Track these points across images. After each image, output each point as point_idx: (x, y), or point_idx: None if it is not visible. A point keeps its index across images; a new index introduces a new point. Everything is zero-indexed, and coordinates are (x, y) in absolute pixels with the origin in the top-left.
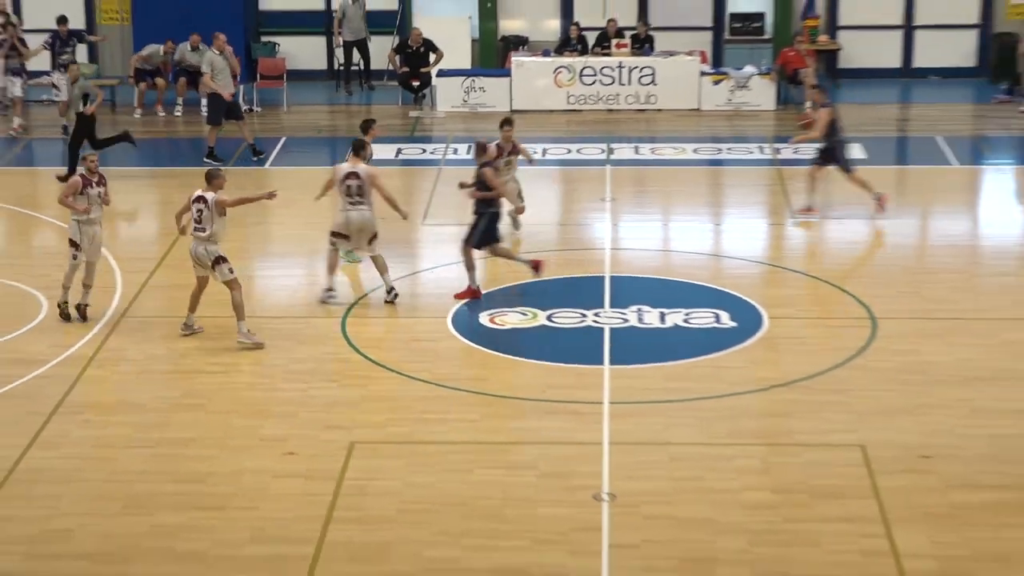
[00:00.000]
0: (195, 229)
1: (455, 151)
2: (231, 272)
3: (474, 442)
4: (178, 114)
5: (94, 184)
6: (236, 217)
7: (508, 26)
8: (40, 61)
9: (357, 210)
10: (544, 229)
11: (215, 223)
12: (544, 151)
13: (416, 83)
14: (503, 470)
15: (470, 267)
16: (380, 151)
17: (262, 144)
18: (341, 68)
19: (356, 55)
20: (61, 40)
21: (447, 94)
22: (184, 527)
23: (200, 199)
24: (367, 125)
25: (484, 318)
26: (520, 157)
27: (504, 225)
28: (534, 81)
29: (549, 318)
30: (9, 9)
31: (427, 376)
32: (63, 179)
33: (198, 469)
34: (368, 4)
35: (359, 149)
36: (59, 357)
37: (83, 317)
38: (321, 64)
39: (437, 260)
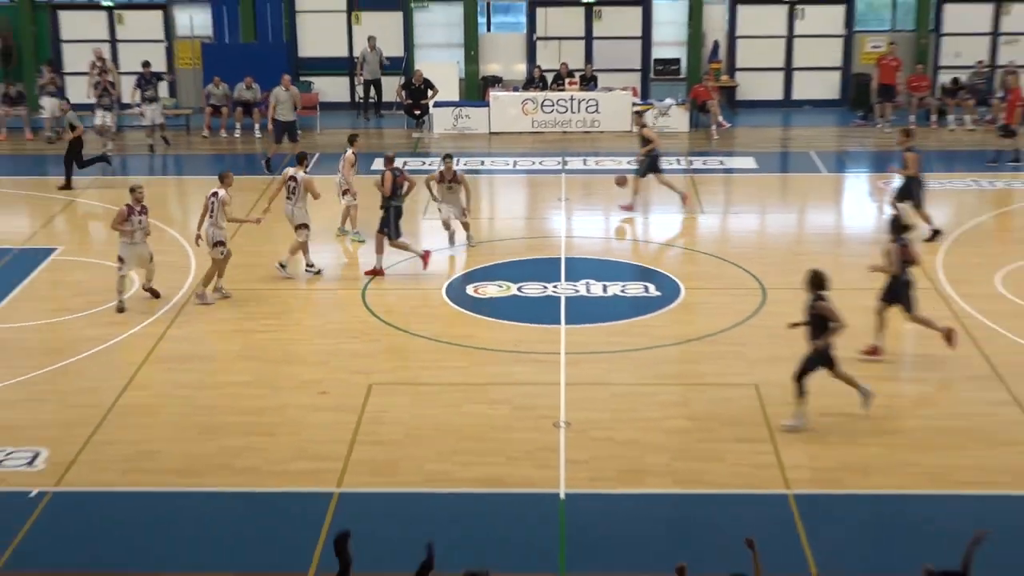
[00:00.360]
0: (209, 217)
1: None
2: (221, 254)
3: (463, 383)
4: (237, 135)
5: (137, 213)
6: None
7: (487, 69)
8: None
9: (292, 205)
10: (515, 222)
11: (220, 215)
12: (515, 163)
13: (417, 112)
14: (485, 404)
15: (379, 250)
16: (375, 164)
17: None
18: (361, 101)
19: (372, 91)
20: (145, 79)
21: (441, 120)
22: (244, 448)
23: (214, 194)
24: (352, 138)
25: (470, 289)
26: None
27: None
28: (507, 110)
29: (519, 289)
30: (107, 55)
31: (427, 334)
32: (62, 188)
33: (254, 405)
34: (383, 50)
35: (301, 160)
36: (148, 320)
37: (155, 295)
38: (345, 98)
39: (434, 246)
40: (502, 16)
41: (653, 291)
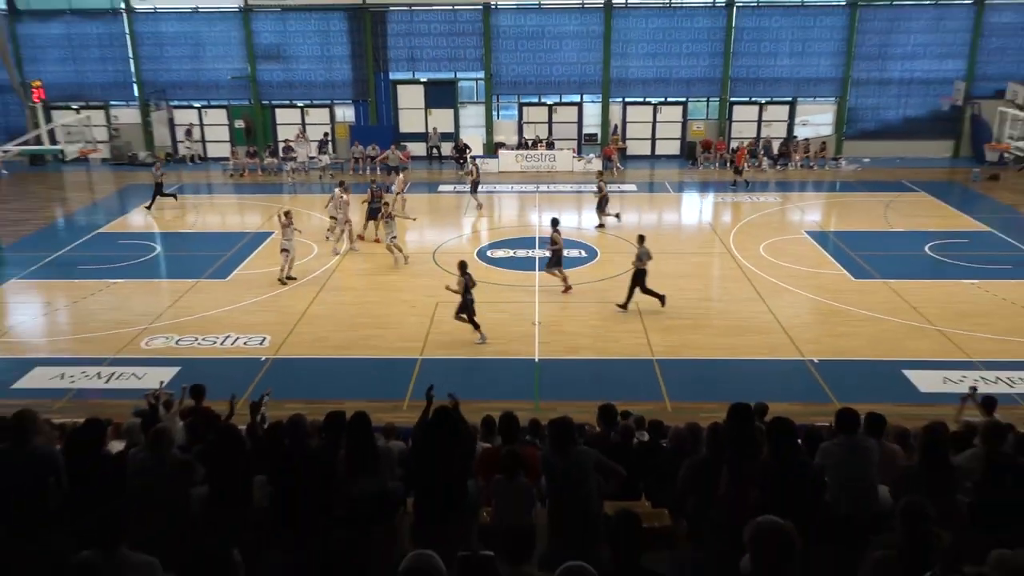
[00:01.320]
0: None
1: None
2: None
3: (485, 301)
4: (366, 172)
5: (289, 228)
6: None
7: (498, 138)
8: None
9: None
10: (511, 218)
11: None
12: (512, 187)
13: (461, 160)
14: (497, 313)
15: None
16: (445, 188)
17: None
18: (431, 155)
19: (436, 151)
20: (323, 142)
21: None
22: (372, 336)
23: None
24: (341, 182)
25: (489, 253)
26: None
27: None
28: (508, 160)
29: (514, 252)
30: (301, 132)
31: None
32: (148, 207)
33: (377, 313)
34: (440, 128)
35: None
36: (323, 268)
37: (286, 282)
38: (423, 153)
39: (470, 230)
40: (505, 110)
41: (583, 254)
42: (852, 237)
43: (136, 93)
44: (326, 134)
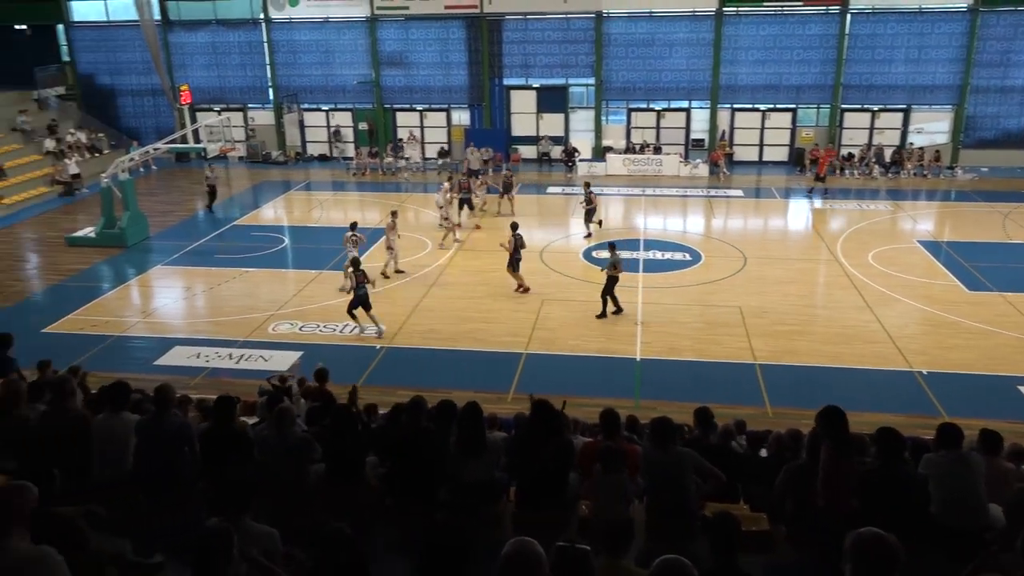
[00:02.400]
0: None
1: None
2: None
3: (585, 300)
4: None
5: (394, 229)
6: (533, 216)
7: (606, 142)
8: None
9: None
10: (616, 220)
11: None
12: (618, 190)
13: (570, 163)
14: (594, 311)
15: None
16: (553, 190)
17: (512, 187)
18: (542, 158)
19: (546, 155)
20: (444, 151)
21: (581, 168)
22: (478, 329)
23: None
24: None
25: (593, 253)
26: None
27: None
28: (615, 163)
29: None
30: (417, 136)
31: (570, 274)
32: (209, 208)
33: (487, 306)
34: (549, 132)
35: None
36: (433, 264)
37: (389, 276)
38: (534, 156)
39: (576, 231)
40: (614, 115)
41: (688, 257)
42: (967, 248)
43: (271, 96)
44: (444, 144)
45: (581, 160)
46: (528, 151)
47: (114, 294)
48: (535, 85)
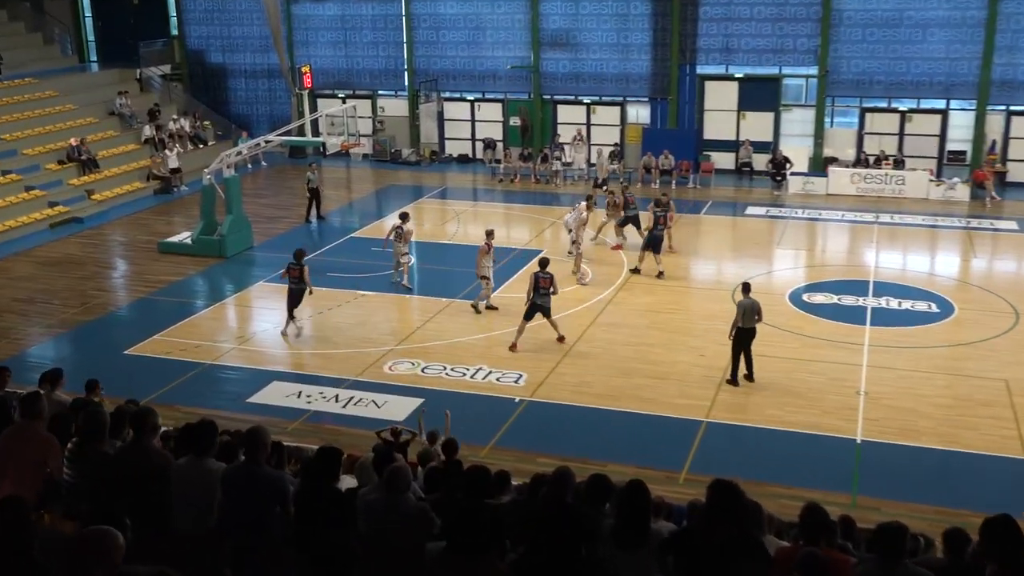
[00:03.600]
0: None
1: (796, 213)
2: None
3: (793, 358)
4: (655, 186)
5: (489, 253)
6: (712, 232)
7: (828, 151)
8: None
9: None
10: (839, 254)
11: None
12: (843, 215)
13: (778, 178)
14: (807, 374)
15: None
16: (755, 210)
17: (698, 205)
18: (743, 168)
19: (746, 165)
20: (614, 153)
21: (794, 184)
22: (647, 386)
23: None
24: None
25: (805, 296)
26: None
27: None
28: (840, 180)
29: (839, 299)
30: (584, 133)
31: (772, 323)
32: (320, 218)
33: (656, 358)
34: (752, 136)
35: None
36: (595, 298)
37: (481, 311)
38: (731, 166)
39: (783, 265)
40: (841, 117)
41: (934, 308)
42: None
43: (406, 82)
44: (616, 144)
45: (794, 174)
46: (724, 160)
47: (208, 313)
48: (738, 75)
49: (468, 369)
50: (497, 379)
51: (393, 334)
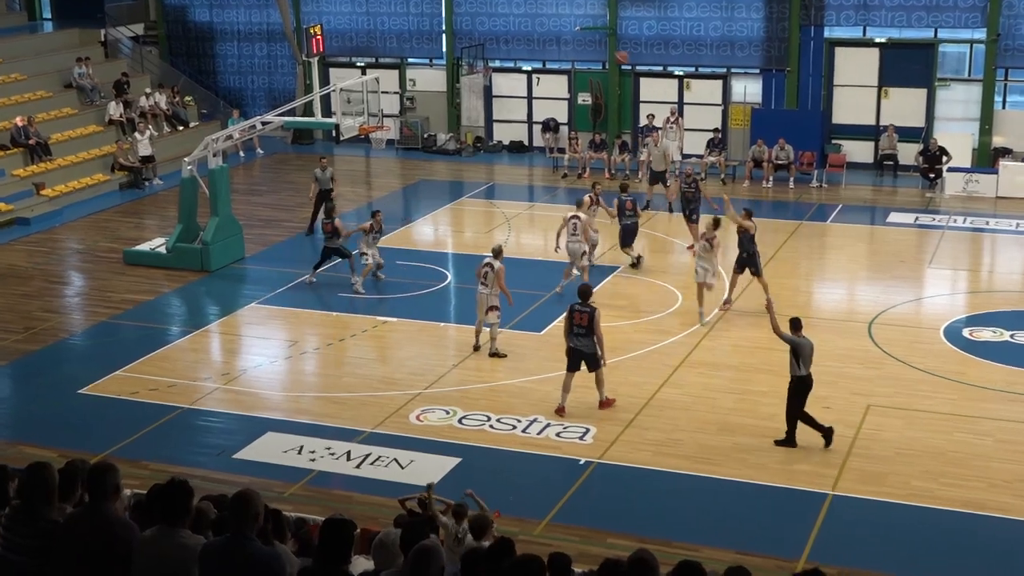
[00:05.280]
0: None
1: (955, 221)
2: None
3: (952, 414)
4: (768, 185)
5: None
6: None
7: (998, 140)
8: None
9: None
10: (1013, 276)
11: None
12: (1017, 224)
13: (932, 175)
14: (971, 435)
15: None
16: (900, 217)
17: (825, 210)
18: (885, 162)
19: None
20: (714, 143)
21: (952, 183)
22: (755, 447)
23: (575, 217)
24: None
25: (966, 332)
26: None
27: None
28: (1015, 178)
29: (1011, 336)
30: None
31: (924, 367)
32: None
33: (767, 412)
34: (897, 121)
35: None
36: (686, 332)
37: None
38: (869, 159)
39: (937, 290)
40: (1016, 96)
41: None
42: None
43: (443, 48)
44: (717, 130)
45: (952, 169)
46: (859, 151)
47: (186, 343)
48: (879, 39)
49: (519, 420)
50: (557, 434)
51: (422, 374)
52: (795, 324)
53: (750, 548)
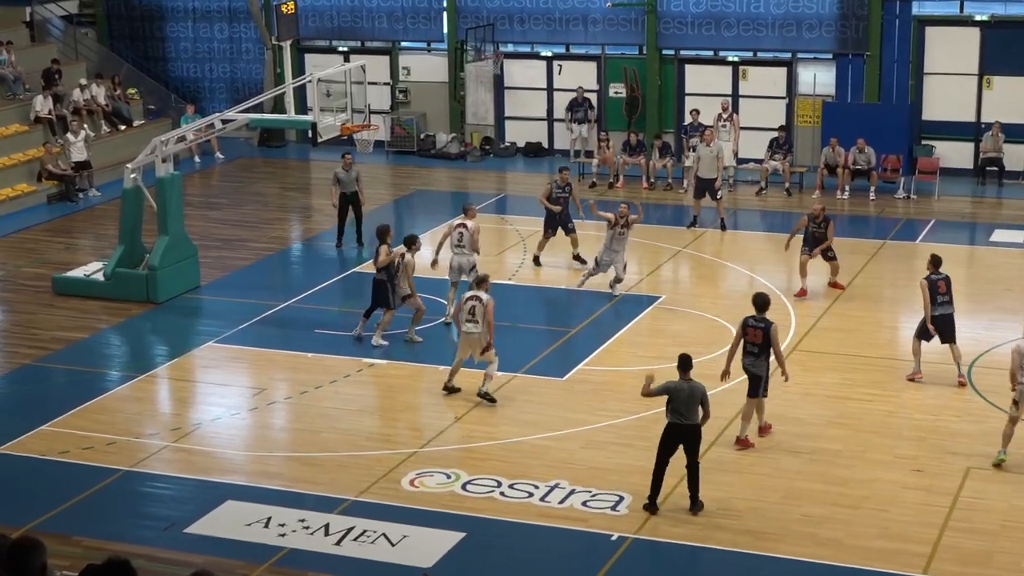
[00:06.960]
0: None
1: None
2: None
3: None
4: (845, 196)
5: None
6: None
7: None
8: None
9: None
10: None
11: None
12: None
13: None
14: None
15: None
16: (1007, 235)
17: (914, 226)
18: (988, 167)
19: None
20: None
21: None
22: (826, 519)
23: (461, 225)
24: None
25: None
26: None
27: None
28: None
29: None
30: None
31: None
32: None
33: (842, 474)
34: (1004, 119)
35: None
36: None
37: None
38: (968, 164)
39: None
40: None
41: None
42: None
43: (444, 29)
44: (781, 127)
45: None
46: (956, 154)
47: (127, 391)
48: (980, 16)
49: (537, 486)
50: (584, 503)
51: (419, 428)
52: (684, 362)
53: None
